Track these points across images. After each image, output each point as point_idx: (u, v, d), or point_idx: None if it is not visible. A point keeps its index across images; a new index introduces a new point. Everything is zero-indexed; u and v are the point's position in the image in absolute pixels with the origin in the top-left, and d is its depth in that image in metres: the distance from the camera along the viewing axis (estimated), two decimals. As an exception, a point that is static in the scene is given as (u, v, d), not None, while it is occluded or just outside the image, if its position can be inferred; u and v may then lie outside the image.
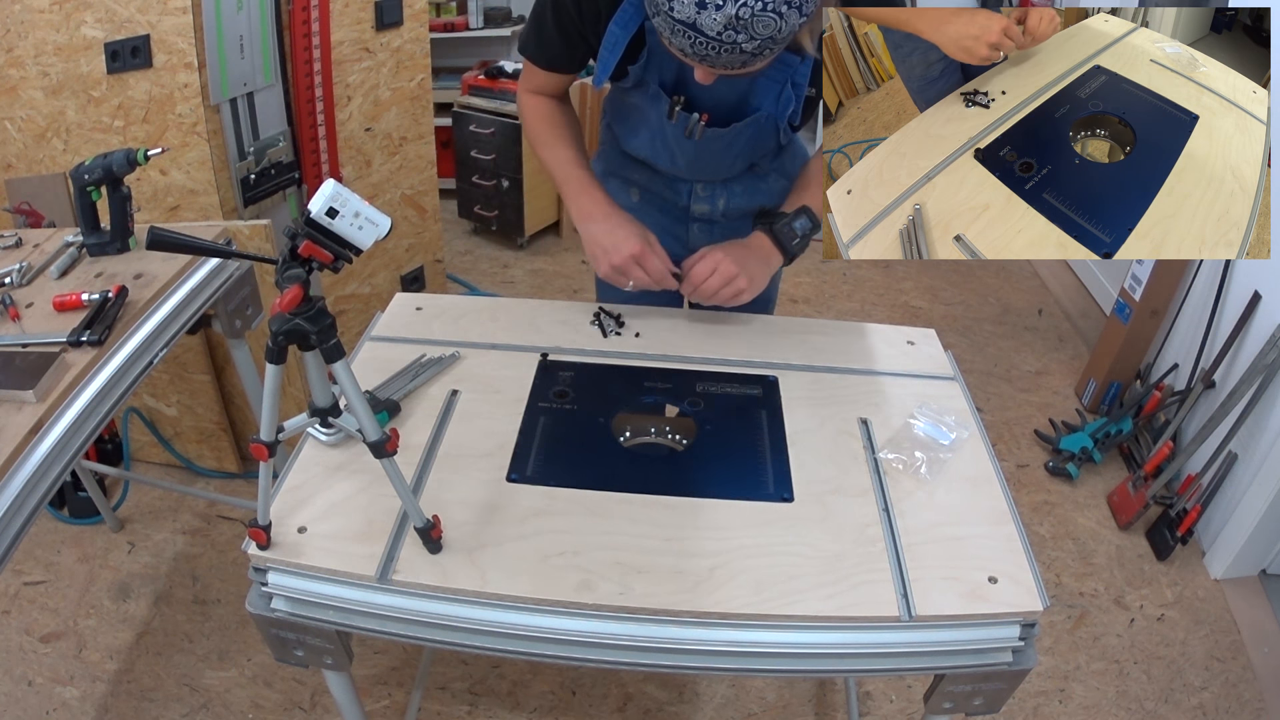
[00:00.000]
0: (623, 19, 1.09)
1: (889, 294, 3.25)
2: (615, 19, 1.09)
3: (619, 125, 1.36)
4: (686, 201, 1.38)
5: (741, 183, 1.35)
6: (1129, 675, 1.80)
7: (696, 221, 1.40)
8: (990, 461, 1.06)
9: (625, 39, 1.10)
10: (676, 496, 0.98)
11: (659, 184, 1.39)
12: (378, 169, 2.42)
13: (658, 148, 1.30)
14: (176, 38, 1.77)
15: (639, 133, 1.30)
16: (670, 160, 1.31)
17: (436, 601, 0.88)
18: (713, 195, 1.36)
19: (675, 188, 1.37)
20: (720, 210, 1.37)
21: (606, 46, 1.11)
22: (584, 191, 1.25)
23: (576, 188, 1.25)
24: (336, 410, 0.87)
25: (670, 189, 1.38)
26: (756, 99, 1.16)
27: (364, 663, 1.75)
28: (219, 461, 2.23)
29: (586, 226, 1.22)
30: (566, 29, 1.15)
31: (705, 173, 1.33)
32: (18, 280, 1.36)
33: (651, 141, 1.29)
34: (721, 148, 1.24)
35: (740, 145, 1.24)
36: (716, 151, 1.25)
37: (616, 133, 1.38)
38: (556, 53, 1.21)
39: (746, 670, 0.90)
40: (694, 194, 1.37)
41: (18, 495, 1.04)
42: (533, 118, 1.33)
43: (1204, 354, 2.21)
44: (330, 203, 0.71)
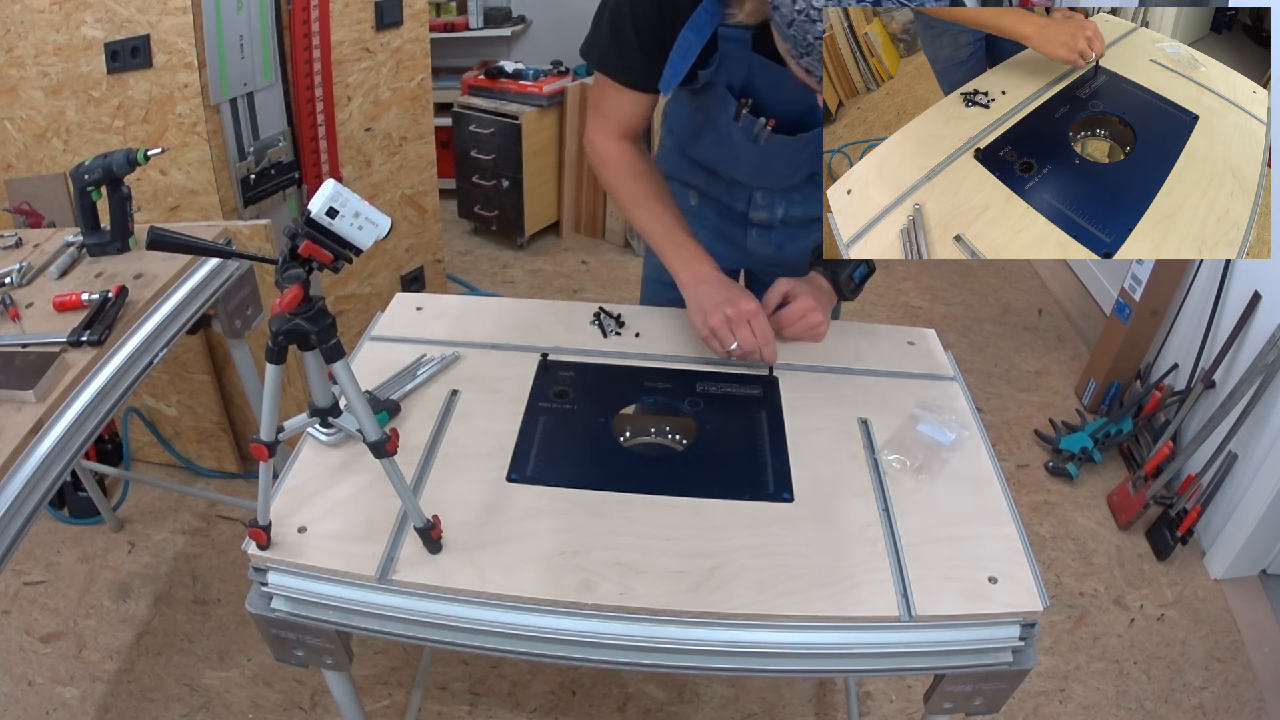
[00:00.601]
0: (697, 23, 1.06)
1: (889, 294, 3.25)
2: (690, 24, 1.06)
3: (682, 129, 1.34)
4: (745, 208, 1.36)
5: (802, 191, 1.34)
6: (1129, 675, 1.80)
7: (755, 227, 1.39)
8: (990, 461, 1.06)
9: (700, 44, 1.07)
10: (676, 496, 0.98)
11: (718, 188, 1.37)
12: (378, 169, 2.43)
13: (721, 152, 1.27)
14: (176, 38, 1.78)
15: (703, 136, 1.28)
16: (732, 164, 1.29)
17: (436, 601, 0.88)
18: (772, 203, 1.35)
19: (734, 193, 1.36)
20: (779, 217, 1.37)
21: (679, 52, 1.08)
22: (695, 258, 1.21)
23: (686, 254, 1.21)
24: (336, 410, 0.87)
25: (729, 194, 1.37)
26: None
27: (364, 663, 1.75)
28: (219, 461, 2.23)
29: (699, 289, 1.18)
30: (647, 39, 1.10)
31: (766, 179, 1.31)
32: (18, 280, 1.36)
33: (716, 145, 1.27)
34: (786, 156, 1.22)
35: (805, 155, 1.23)
36: (780, 159, 1.24)
37: (679, 136, 1.35)
38: (639, 68, 1.13)
39: (746, 670, 0.90)
40: (753, 201, 1.35)
41: (18, 495, 1.04)
42: (618, 174, 1.25)
43: (1204, 354, 2.21)
44: (330, 203, 0.71)
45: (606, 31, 1.14)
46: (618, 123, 1.23)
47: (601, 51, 1.15)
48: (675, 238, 1.22)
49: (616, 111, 1.21)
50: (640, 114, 1.22)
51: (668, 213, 1.23)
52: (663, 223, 1.23)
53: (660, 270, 1.49)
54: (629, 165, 1.24)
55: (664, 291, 1.49)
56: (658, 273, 1.49)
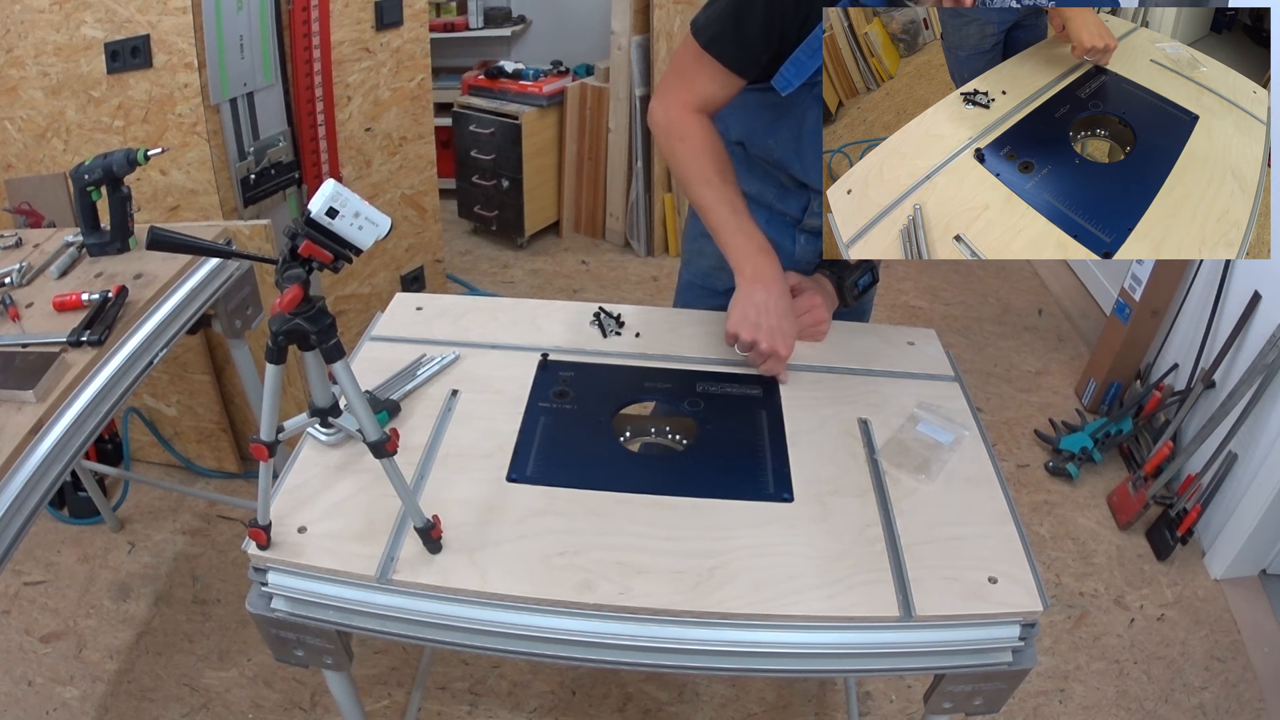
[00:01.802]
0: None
1: (889, 294, 3.25)
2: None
3: (747, 128, 1.27)
4: (798, 214, 1.32)
5: None
6: (1129, 675, 1.80)
7: (805, 234, 1.35)
8: (990, 461, 1.06)
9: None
10: (676, 496, 0.98)
11: (771, 194, 1.32)
12: (378, 169, 2.43)
13: (799, 153, 1.22)
14: (176, 38, 1.78)
15: (779, 134, 1.22)
16: (806, 166, 1.23)
17: (436, 601, 0.88)
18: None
19: (787, 200, 1.32)
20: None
21: (806, 52, 1.04)
22: (763, 252, 1.16)
23: (753, 247, 1.16)
24: (336, 410, 0.87)
25: (782, 200, 1.32)
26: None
27: (364, 663, 1.75)
28: (219, 461, 2.23)
29: (753, 289, 1.14)
30: (775, 30, 1.05)
31: None
32: (18, 280, 1.36)
33: (793, 145, 1.21)
34: None
35: None
36: None
37: (740, 136, 1.29)
38: (754, 57, 1.08)
39: (746, 670, 0.90)
40: (809, 208, 1.30)
41: (18, 495, 1.04)
42: (692, 147, 1.17)
43: (1204, 354, 2.21)
44: (330, 203, 0.71)
45: (728, 12, 1.07)
46: (703, 99, 1.16)
47: (716, 31, 1.09)
48: (744, 225, 1.16)
49: (705, 89, 1.15)
50: (727, 98, 1.16)
51: (739, 198, 1.17)
52: (733, 207, 1.16)
53: (707, 277, 1.43)
54: (706, 140, 1.16)
55: (705, 298, 1.44)
56: (704, 278, 1.45)
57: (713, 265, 1.40)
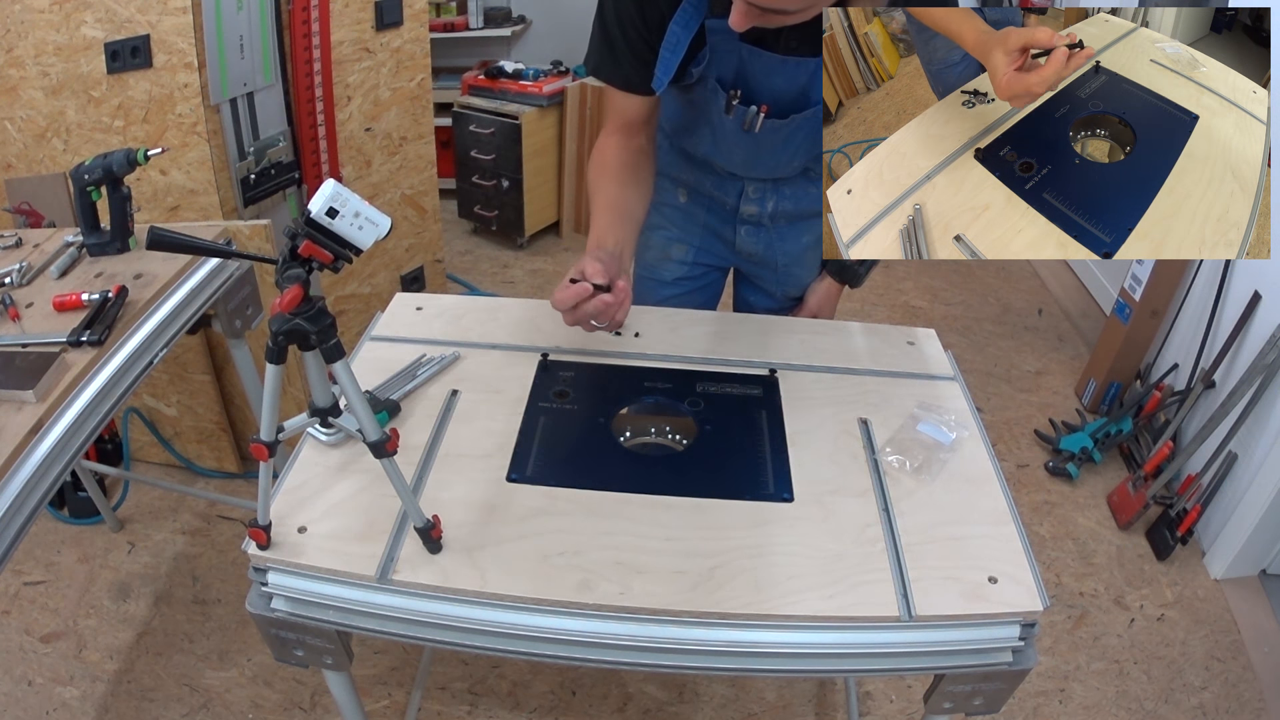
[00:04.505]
0: (683, 18, 1.07)
1: (889, 294, 3.25)
2: (675, 18, 1.07)
3: (673, 124, 1.35)
4: (736, 202, 1.37)
5: (792, 185, 1.34)
6: (1129, 675, 1.80)
7: (745, 224, 1.39)
8: (990, 461, 1.06)
9: (688, 38, 1.08)
10: (676, 496, 0.98)
11: (709, 184, 1.37)
12: (378, 169, 2.43)
13: (715, 144, 1.27)
14: (176, 38, 1.77)
15: (697, 130, 1.28)
16: (727, 156, 1.29)
17: (436, 601, 0.88)
18: (763, 197, 1.35)
19: (725, 188, 1.36)
20: (769, 213, 1.36)
21: (668, 47, 1.09)
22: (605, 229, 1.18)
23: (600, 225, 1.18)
24: (336, 410, 0.87)
25: (720, 188, 1.37)
26: (816, 92, 1.14)
27: (364, 663, 1.75)
28: (219, 461, 2.23)
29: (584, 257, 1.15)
30: (634, 41, 1.12)
31: (761, 169, 1.31)
32: (18, 280, 1.36)
33: (710, 138, 1.27)
34: (779, 141, 1.22)
35: (799, 139, 1.22)
36: (774, 146, 1.23)
37: (670, 132, 1.36)
38: (630, 70, 1.15)
39: (746, 670, 0.90)
40: (744, 195, 1.35)
41: (18, 495, 1.04)
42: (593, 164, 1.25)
43: (1204, 354, 2.21)
44: (330, 203, 0.71)
45: (598, 38, 1.16)
46: (623, 119, 1.24)
47: (597, 60, 1.18)
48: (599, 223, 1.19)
49: (620, 109, 1.23)
50: (641, 112, 1.23)
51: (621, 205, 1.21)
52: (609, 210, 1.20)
53: (653, 268, 1.50)
54: (605, 156, 1.24)
55: (655, 289, 1.50)
56: (650, 270, 1.51)
57: (658, 256, 1.48)
